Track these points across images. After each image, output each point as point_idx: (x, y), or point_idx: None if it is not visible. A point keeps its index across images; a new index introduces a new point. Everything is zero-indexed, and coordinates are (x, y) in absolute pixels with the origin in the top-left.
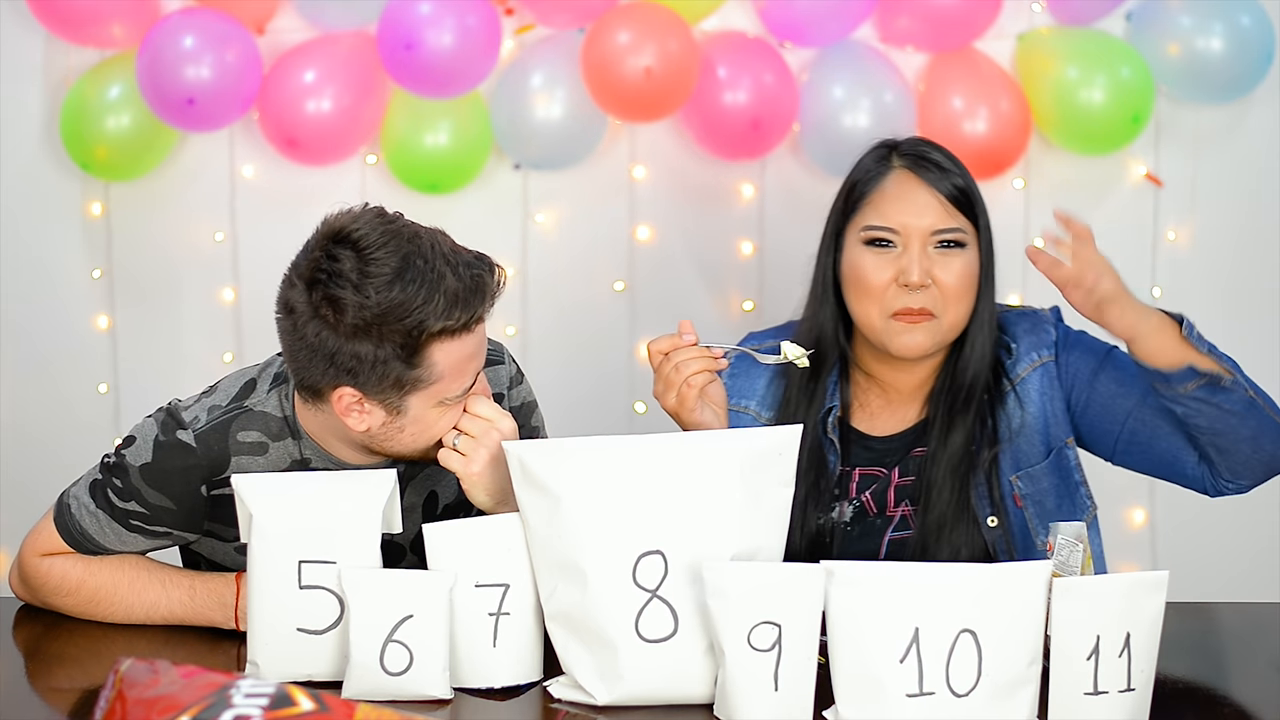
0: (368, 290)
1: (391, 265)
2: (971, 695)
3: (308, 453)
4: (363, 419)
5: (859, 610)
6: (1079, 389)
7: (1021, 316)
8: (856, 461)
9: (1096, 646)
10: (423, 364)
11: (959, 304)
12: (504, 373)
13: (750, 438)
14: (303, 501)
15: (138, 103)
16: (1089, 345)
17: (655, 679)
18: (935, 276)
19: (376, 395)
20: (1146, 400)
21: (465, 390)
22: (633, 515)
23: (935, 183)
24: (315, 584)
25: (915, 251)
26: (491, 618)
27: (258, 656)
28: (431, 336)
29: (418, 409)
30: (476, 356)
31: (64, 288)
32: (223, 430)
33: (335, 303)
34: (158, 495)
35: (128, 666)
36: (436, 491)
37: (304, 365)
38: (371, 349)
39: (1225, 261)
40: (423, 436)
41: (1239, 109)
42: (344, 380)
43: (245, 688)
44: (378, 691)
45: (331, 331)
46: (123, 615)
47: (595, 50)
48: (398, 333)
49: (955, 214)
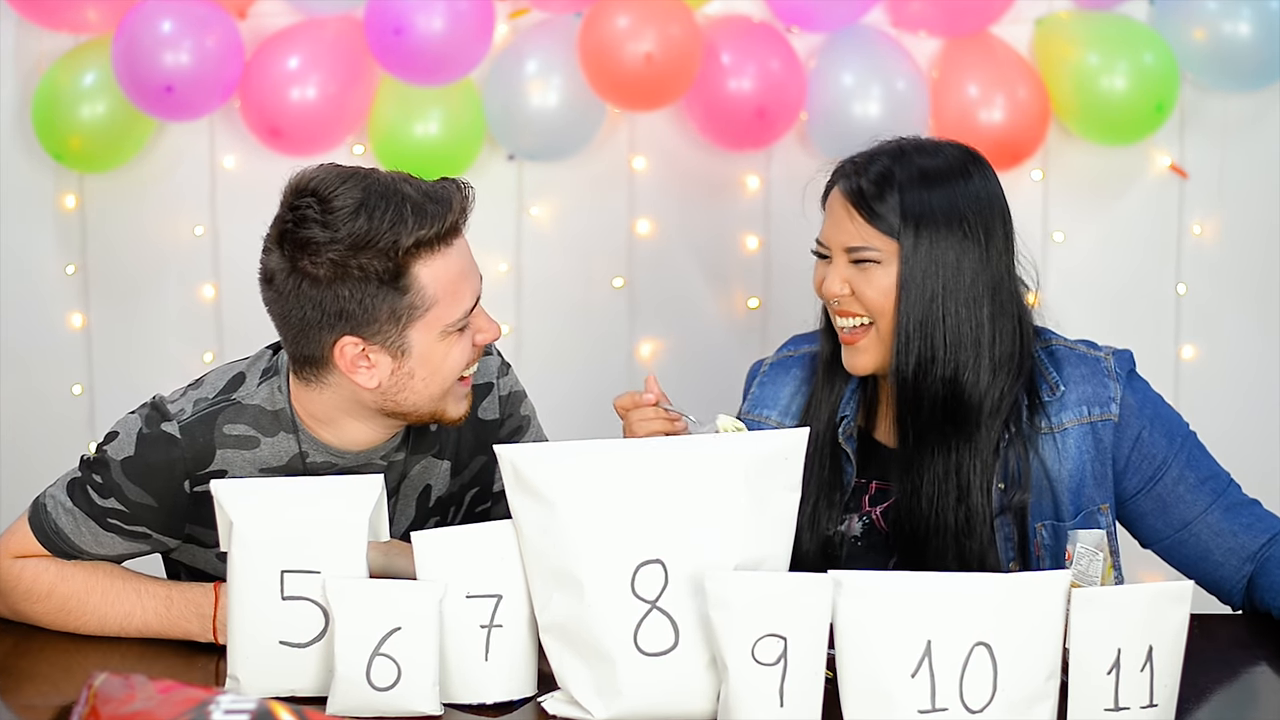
0: (335, 226)
1: (354, 197)
2: (987, 711)
3: (306, 446)
4: (371, 373)
5: (868, 622)
6: (1139, 473)
7: (1080, 360)
8: (872, 474)
9: (1118, 660)
10: (411, 287)
11: (884, 317)
12: (491, 363)
13: (755, 441)
14: (285, 508)
15: (113, 90)
16: (1167, 424)
17: (655, 694)
18: (855, 289)
19: (377, 337)
20: (1208, 516)
21: (466, 315)
22: (631, 522)
23: (855, 201)
24: (298, 595)
25: (836, 263)
26: (483, 630)
27: (238, 671)
28: (410, 254)
29: (422, 344)
30: (468, 276)
31: (36, 284)
32: (209, 422)
33: (307, 246)
34: (139, 491)
35: (102, 682)
36: (430, 484)
37: (298, 331)
38: (357, 285)
39: (1253, 256)
40: (436, 379)
41: (1267, 97)
42: (341, 330)
43: (225, 704)
44: (364, 707)
45: (312, 281)
46: (95, 625)
47: (593, 35)
48: (376, 259)
49: (869, 231)
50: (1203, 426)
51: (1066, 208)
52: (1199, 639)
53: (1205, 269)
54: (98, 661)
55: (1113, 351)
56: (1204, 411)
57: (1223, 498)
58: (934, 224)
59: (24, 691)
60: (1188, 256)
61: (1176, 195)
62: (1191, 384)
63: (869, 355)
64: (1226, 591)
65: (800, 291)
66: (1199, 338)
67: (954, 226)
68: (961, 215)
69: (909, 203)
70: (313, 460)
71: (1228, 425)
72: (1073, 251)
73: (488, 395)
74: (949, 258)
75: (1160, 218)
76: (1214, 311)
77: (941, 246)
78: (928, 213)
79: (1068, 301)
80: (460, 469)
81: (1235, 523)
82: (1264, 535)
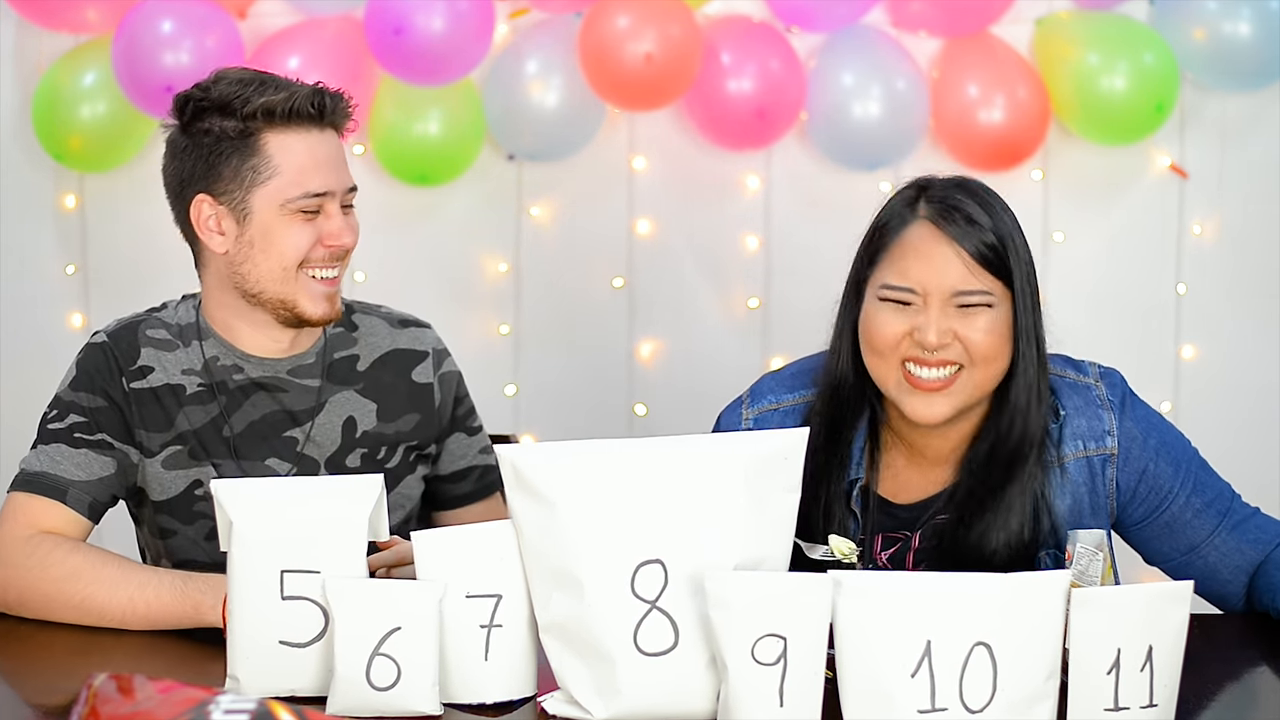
0: (211, 90)
1: (236, 76)
2: (986, 711)
3: (213, 350)
4: (220, 239)
5: (868, 622)
6: (1145, 503)
7: (1072, 390)
8: (878, 528)
9: (1117, 660)
10: (258, 151)
11: (988, 365)
12: (429, 336)
13: (755, 441)
14: (285, 508)
15: (113, 90)
16: (1172, 453)
17: (655, 694)
18: (960, 335)
19: (223, 197)
20: (1215, 539)
21: (308, 196)
22: (631, 522)
23: (961, 239)
24: (298, 594)
25: (934, 310)
26: (483, 630)
27: (238, 670)
28: (257, 120)
29: (262, 213)
30: (322, 165)
31: (36, 284)
32: (132, 328)
33: (182, 104)
34: (89, 397)
35: (101, 682)
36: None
37: (174, 199)
38: (213, 140)
39: (1253, 257)
40: (274, 255)
41: (1268, 97)
42: (196, 187)
43: (225, 703)
44: (363, 707)
45: (180, 132)
46: (104, 596)
47: (593, 35)
48: (229, 120)
49: (981, 274)
50: (1202, 427)
51: (1066, 208)
52: (1199, 639)
53: (1205, 269)
54: (98, 661)
55: (1100, 374)
56: (1204, 412)
57: (1228, 518)
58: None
59: (22, 691)
60: (1188, 256)
61: (1176, 195)
62: (1191, 384)
63: (953, 401)
64: (1231, 605)
65: (800, 291)
66: (1199, 338)
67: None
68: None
69: (1015, 246)
70: (222, 363)
71: (1227, 425)
72: (1073, 251)
73: (423, 361)
74: (1037, 300)
75: (1160, 218)
76: (1214, 311)
77: (1034, 295)
78: (1023, 256)
79: (1068, 302)
80: (391, 416)
81: (1242, 540)
82: (1268, 547)
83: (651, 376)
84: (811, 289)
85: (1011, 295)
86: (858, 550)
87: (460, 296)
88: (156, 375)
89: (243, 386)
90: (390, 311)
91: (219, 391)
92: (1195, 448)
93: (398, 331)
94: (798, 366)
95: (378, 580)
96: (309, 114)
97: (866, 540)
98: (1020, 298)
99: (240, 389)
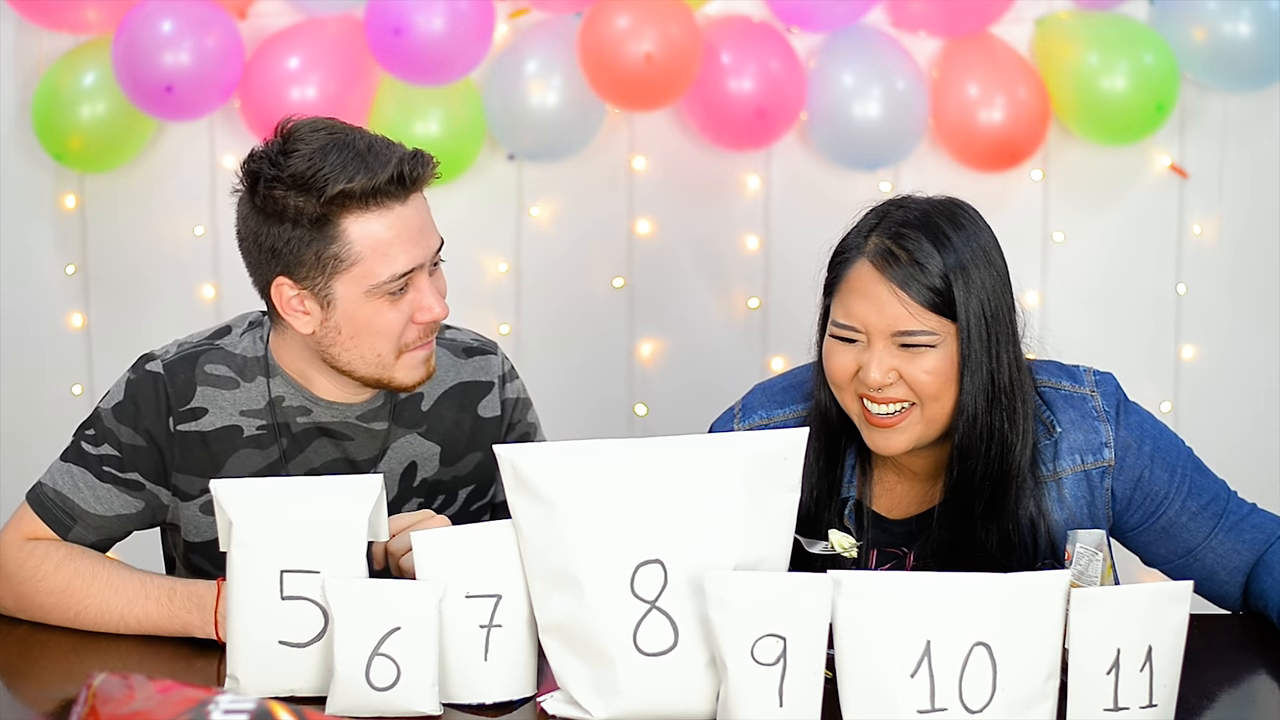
0: (283, 165)
1: (313, 144)
2: (986, 711)
3: (280, 389)
4: (306, 320)
5: (868, 622)
6: (1141, 509)
7: (1068, 403)
8: (874, 543)
9: (1117, 660)
10: (338, 238)
11: (935, 402)
12: (495, 363)
13: (754, 441)
14: (285, 508)
15: (113, 90)
16: (1167, 458)
17: (654, 694)
18: (904, 374)
19: (305, 282)
20: (1212, 541)
21: (395, 279)
22: (631, 523)
23: (904, 283)
24: (298, 594)
25: (878, 350)
26: (483, 630)
27: (238, 670)
28: (336, 204)
29: (347, 299)
30: (405, 242)
31: (36, 284)
32: (191, 360)
33: (255, 179)
34: (129, 433)
35: (101, 681)
36: (416, 462)
37: (250, 266)
38: (289, 224)
39: (1253, 256)
40: (365, 339)
41: (1268, 97)
42: (276, 269)
43: (224, 703)
44: (363, 707)
45: (258, 212)
46: (97, 611)
47: (593, 35)
48: (306, 202)
49: (925, 315)
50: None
51: (1066, 208)
52: (1198, 639)
53: (1205, 269)
54: (97, 661)
55: (1095, 381)
56: (1204, 412)
57: (1225, 519)
58: (984, 297)
59: (23, 691)
60: (1188, 256)
61: (1176, 195)
62: (1191, 384)
63: (908, 435)
64: (1231, 604)
65: (800, 292)
66: (1199, 338)
67: (998, 292)
68: (996, 282)
69: (967, 281)
70: (289, 404)
71: (1228, 425)
72: (1073, 252)
73: (488, 394)
74: (999, 327)
75: (1160, 218)
76: (1214, 311)
77: (992, 323)
78: (979, 288)
79: (1068, 302)
80: (453, 459)
81: (1239, 541)
82: (1265, 545)
83: (651, 376)
84: (811, 289)
85: (958, 329)
86: (858, 545)
87: (460, 296)
88: (210, 418)
89: (306, 430)
90: (456, 336)
91: (280, 434)
92: (1190, 449)
93: (462, 363)
94: (788, 380)
95: (377, 580)
96: (391, 192)
97: (862, 556)
98: (968, 329)
99: (304, 433)
